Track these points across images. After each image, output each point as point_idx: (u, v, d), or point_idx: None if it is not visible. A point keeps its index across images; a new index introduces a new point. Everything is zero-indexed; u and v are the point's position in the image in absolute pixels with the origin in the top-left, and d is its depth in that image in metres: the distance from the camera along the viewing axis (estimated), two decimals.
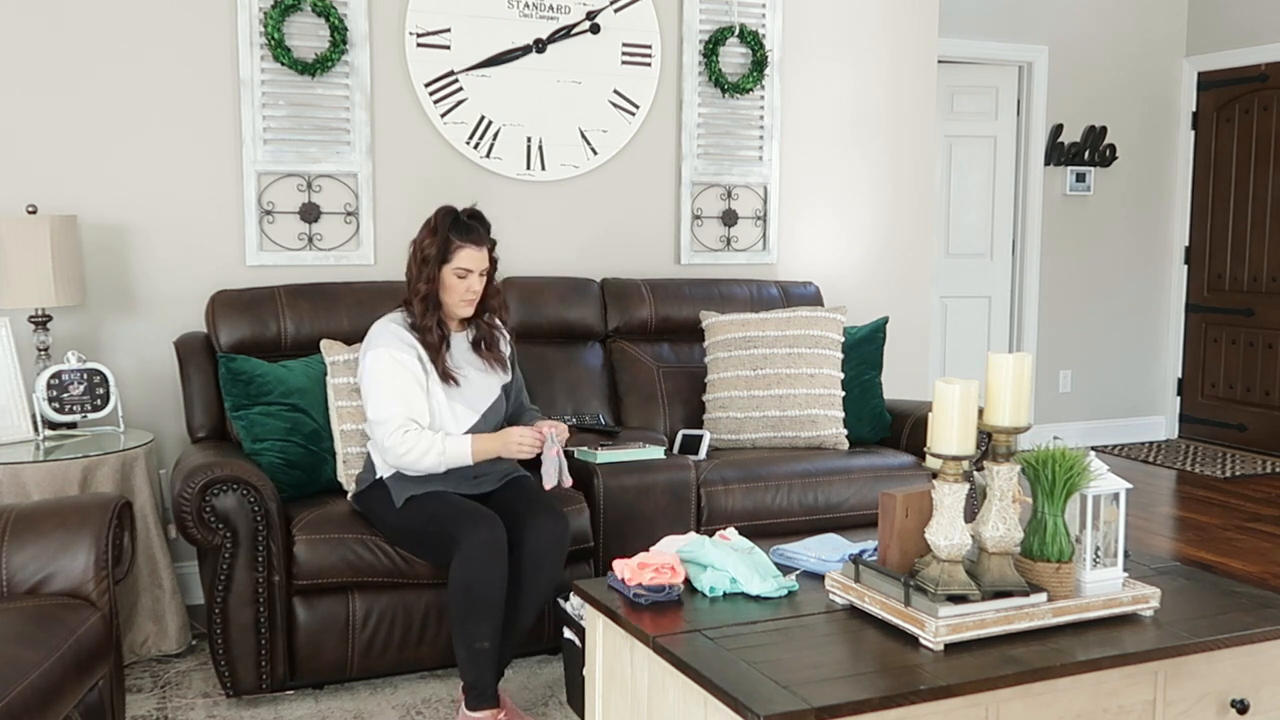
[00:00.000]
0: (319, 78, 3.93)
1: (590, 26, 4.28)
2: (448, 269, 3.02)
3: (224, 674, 3.02)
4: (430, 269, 3.03)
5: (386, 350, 3.01)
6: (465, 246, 3.02)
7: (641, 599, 2.24)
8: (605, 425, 3.88)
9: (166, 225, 3.83)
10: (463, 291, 3.05)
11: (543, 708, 3.08)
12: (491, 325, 3.19)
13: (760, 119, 4.63)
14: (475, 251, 3.04)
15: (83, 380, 3.47)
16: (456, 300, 3.06)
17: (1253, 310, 6.65)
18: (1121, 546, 2.23)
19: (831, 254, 4.84)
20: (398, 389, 2.98)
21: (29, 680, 2.06)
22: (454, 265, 3.02)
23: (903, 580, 2.07)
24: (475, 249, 3.04)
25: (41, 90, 3.65)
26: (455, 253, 3.02)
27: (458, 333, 3.16)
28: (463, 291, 3.05)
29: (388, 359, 3.00)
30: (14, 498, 3.06)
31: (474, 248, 3.04)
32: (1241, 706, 2.16)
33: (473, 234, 3.05)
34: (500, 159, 4.22)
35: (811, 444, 3.88)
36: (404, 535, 3.04)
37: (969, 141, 6.49)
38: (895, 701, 1.83)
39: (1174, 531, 5.03)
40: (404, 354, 3.01)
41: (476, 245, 3.04)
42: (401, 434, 2.94)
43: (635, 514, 3.39)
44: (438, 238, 3.03)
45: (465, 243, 3.03)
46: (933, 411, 2.06)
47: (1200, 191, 6.91)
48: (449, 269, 3.02)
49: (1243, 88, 6.63)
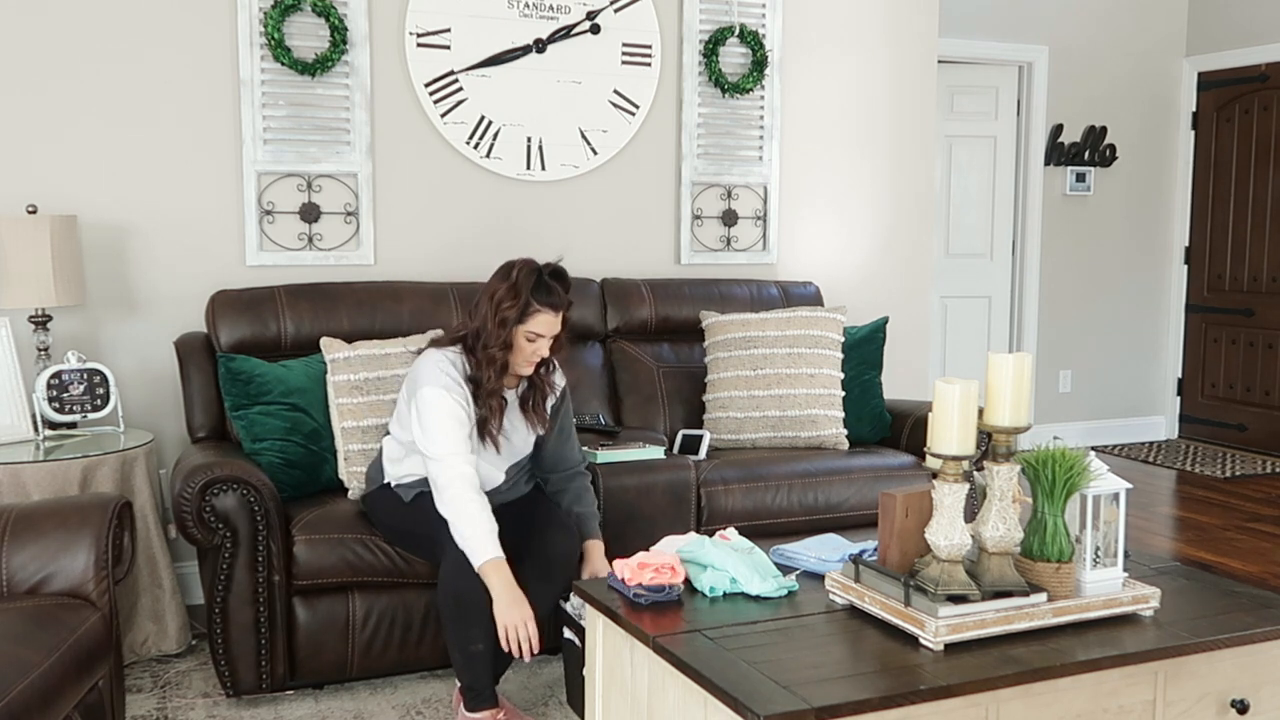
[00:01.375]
0: (319, 78, 3.93)
1: (590, 26, 4.28)
2: (520, 330, 2.87)
3: (224, 674, 3.02)
4: (508, 333, 2.86)
5: (447, 395, 2.84)
6: (544, 311, 2.87)
7: (641, 599, 2.24)
8: (605, 425, 3.88)
9: (166, 225, 3.83)
10: (529, 354, 2.91)
11: (543, 708, 3.08)
12: (545, 383, 3.04)
13: (760, 119, 4.63)
14: (552, 317, 2.89)
15: (83, 380, 3.47)
16: (521, 361, 2.92)
17: (1253, 310, 6.65)
18: (1121, 546, 2.23)
19: (831, 254, 4.84)
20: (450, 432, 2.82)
21: (29, 680, 2.06)
22: (527, 328, 2.87)
23: (903, 580, 2.07)
24: (553, 314, 2.89)
25: (41, 90, 3.65)
26: (533, 316, 2.87)
27: (510, 389, 3.02)
28: (529, 354, 2.91)
29: (449, 403, 2.84)
30: (14, 498, 3.06)
31: (552, 313, 2.89)
32: (1241, 706, 2.16)
33: (554, 297, 2.89)
34: (500, 159, 4.22)
35: (811, 444, 3.88)
36: (402, 536, 3.04)
37: (969, 141, 6.49)
38: (895, 701, 1.83)
39: (1174, 531, 5.03)
40: (459, 397, 2.86)
41: (555, 310, 2.89)
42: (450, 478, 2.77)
43: (635, 514, 3.39)
44: (519, 300, 2.85)
45: (545, 307, 2.87)
46: (933, 411, 2.06)
47: (1200, 191, 6.91)
48: (521, 331, 2.87)
49: (1243, 88, 6.63)
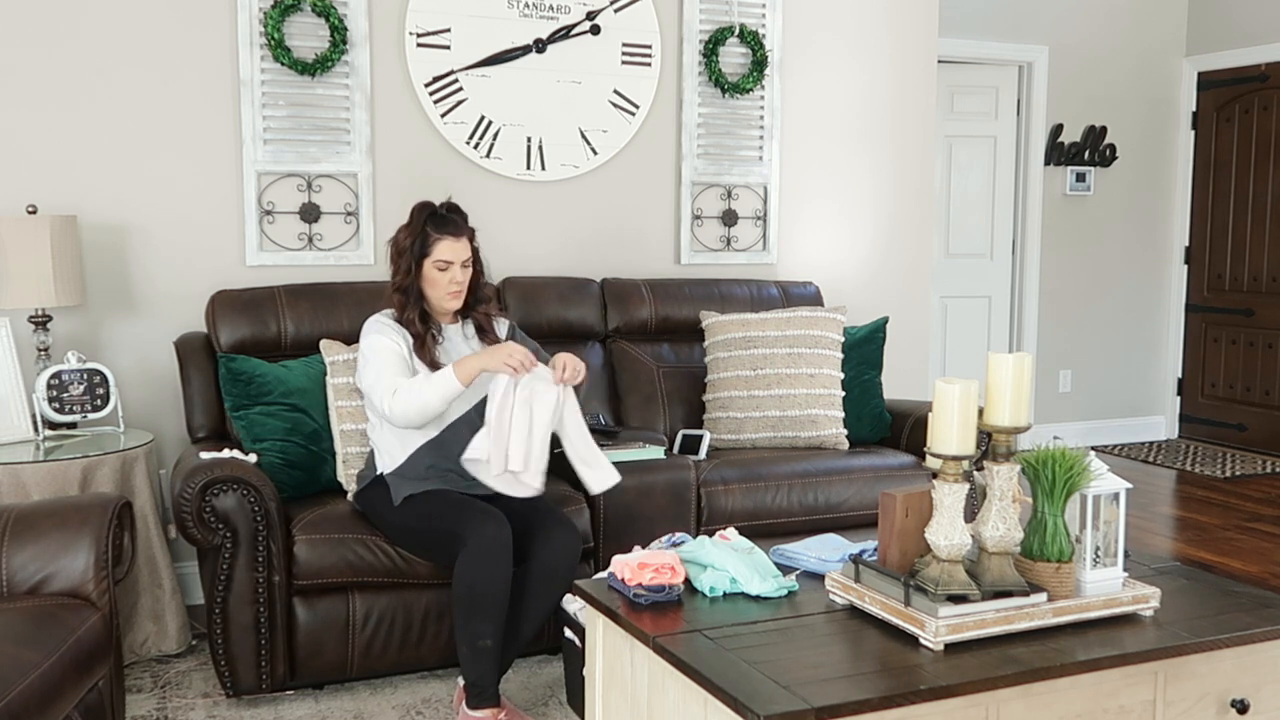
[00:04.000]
0: (319, 78, 3.93)
1: (590, 27, 4.28)
2: (428, 263, 3.04)
3: (224, 674, 3.02)
4: (406, 261, 3.04)
5: (377, 336, 3.04)
6: (443, 238, 3.04)
7: (641, 599, 2.24)
8: (605, 425, 3.88)
9: (166, 225, 3.83)
10: (446, 284, 3.06)
11: (543, 708, 3.08)
12: (486, 314, 3.20)
13: (760, 119, 4.63)
14: (453, 243, 3.05)
15: (83, 380, 3.47)
16: (441, 294, 3.07)
17: (1253, 310, 6.65)
18: (1121, 546, 2.22)
19: (831, 254, 4.84)
20: (389, 363, 2.99)
21: (29, 680, 2.06)
22: (434, 258, 3.04)
23: (903, 580, 2.07)
24: (453, 240, 3.05)
25: (41, 90, 3.65)
26: (434, 245, 3.03)
27: (450, 324, 3.16)
28: (446, 284, 3.06)
29: (381, 340, 3.02)
30: (14, 498, 3.06)
31: (451, 239, 3.05)
32: (1241, 706, 2.16)
33: (449, 225, 3.06)
34: (500, 159, 4.22)
35: (811, 444, 3.87)
36: (405, 534, 3.04)
37: (969, 141, 6.49)
38: (895, 701, 1.83)
39: (1174, 531, 5.03)
40: (395, 336, 3.04)
41: (454, 236, 3.05)
42: (391, 394, 2.95)
43: (635, 514, 3.39)
44: (413, 232, 3.04)
45: (442, 234, 3.04)
46: (933, 411, 2.06)
47: (1200, 191, 6.91)
48: (429, 263, 3.04)
49: (1243, 88, 6.63)
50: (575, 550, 2.99)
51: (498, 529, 2.82)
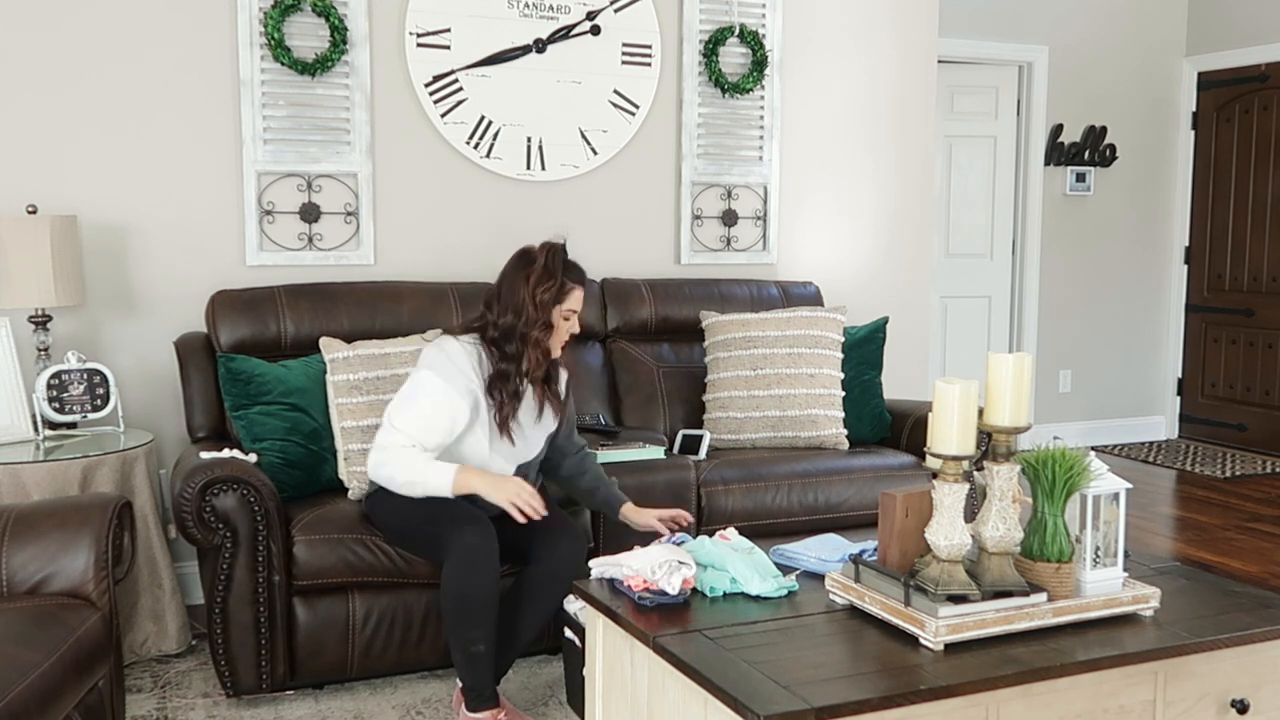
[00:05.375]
0: (319, 78, 3.93)
1: (590, 27, 4.28)
2: (557, 311, 2.91)
3: (224, 674, 3.02)
4: (548, 314, 2.88)
5: (446, 384, 2.83)
6: (577, 288, 2.93)
7: (646, 601, 2.24)
8: (605, 425, 3.88)
9: (166, 225, 3.83)
10: (564, 333, 2.95)
11: (543, 708, 3.08)
12: (555, 370, 3.05)
13: (760, 119, 4.63)
14: (582, 293, 2.97)
15: (83, 380, 3.47)
16: (558, 343, 2.95)
17: (1253, 310, 6.65)
18: (1121, 546, 2.23)
19: (831, 254, 4.84)
20: (428, 419, 2.82)
21: (29, 680, 2.06)
22: (565, 307, 2.91)
23: (903, 580, 2.07)
24: (582, 290, 2.96)
25: (42, 90, 3.65)
26: (569, 294, 2.91)
27: None
28: (564, 333, 2.95)
29: (443, 392, 2.83)
30: (14, 498, 3.06)
31: (582, 289, 2.96)
32: (1241, 706, 2.16)
33: (580, 274, 2.96)
34: (500, 159, 4.22)
35: (811, 444, 3.87)
36: (403, 537, 3.03)
37: (969, 141, 6.49)
38: (895, 701, 1.83)
39: (1174, 531, 5.03)
40: (459, 398, 2.84)
41: (583, 286, 2.97)
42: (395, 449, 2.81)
43: None
44: (555, 280, 2.88)
45: (576, 284, 2.93)
46: (933, 411, 2.06)
47: (1200, 191, 6.91)
48: (559, 311, 2.91)
49: (1243, 88, 6.63)
50: (579, 555, 2.97)
51: (478, 535, 2.77)
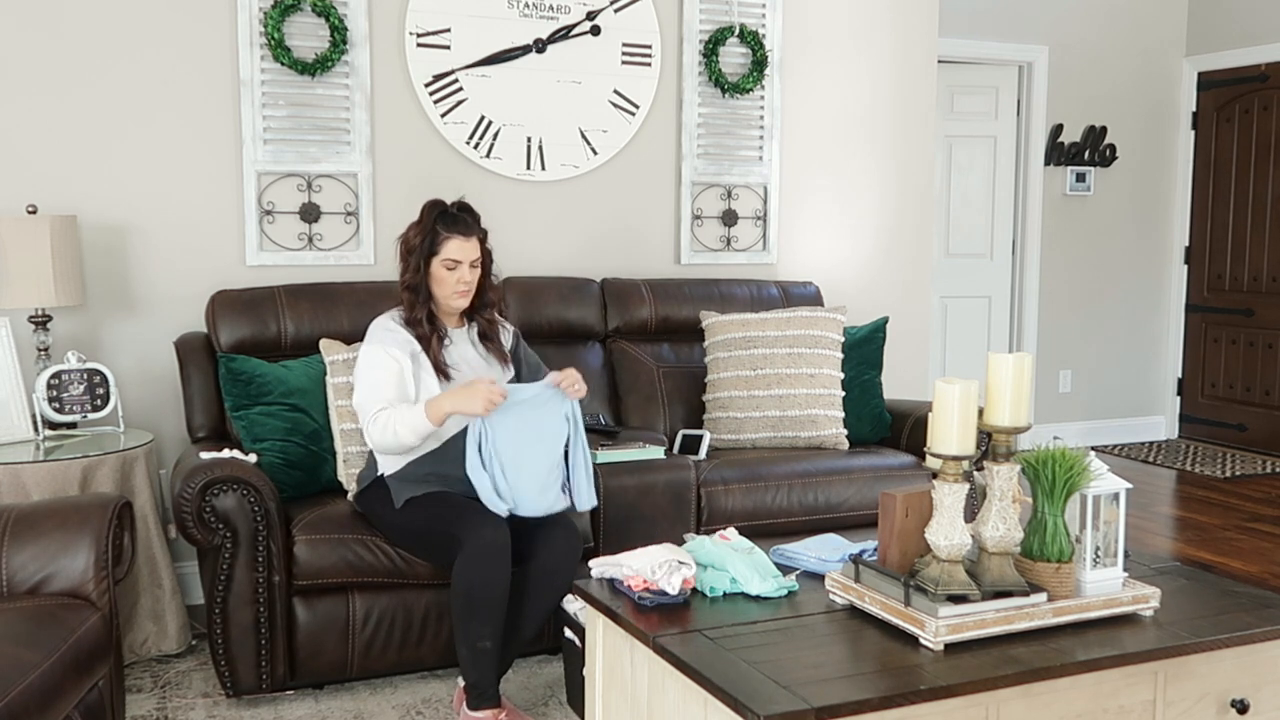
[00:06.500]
0: (319, 78, 3.93)
1: (590, 27, 4.28)
2: (436, 261, 3.02)
3: (224, 674, 3.02)
4: (416, 259, 3.02)
5: (379, 346, 3.02)
6: (452, 237, 3.02)
7: (646, 601, 2.24)
8: (605, 425, 3.88)
9: (166, 225, 3.83)
10: (454, 283, 3.04)
11: (543, 708, 3.08)
12: (490, 319, 3.18)
13: (760, 119, 4.63)
14: (463, 242, 3.03)
15: (83, 380, 3.47)
16: (449, 293, 3.05)
17: (1253, 310, 6.65)
18: (1121, 546, 2.23)
19: (831, 254, 4.84)
20: (377, 382, 2.98)
21: (29, 680, 2.06)
22: (442, 257, 3.02)
23: (903, 580, 2.07)
24: (463, 239, 3.03)
25: (41, 90, 3.65)
26: (443, 244, 3.02)
27: (457, 328, 3.15)
28: (454, 283, 3.04)
29: (377, 354, 3.01)
30: (14, 498, 3.06)
31: (461, 238, 3.03)
32: (1241, 706, 2.16)
33: (459, 224, 3.05)
34: (500, 159, 4.22)
35: (811, 444, 3.87)
36: (405, 535, 3.04)
37: (969, 141, 6.49)
38: (895, 701, 1.83)
39: (1174, 531, 5.03)
40: (395, 349, 3.01)
41: (464, 236, 3.04)
42: (371, 420, 2.95)
43: (635, 514, 3.39)
44: (423, 229, 3.03)
45: (452, 233, 3.02)
46: (933, 411, 2.06)
47: (1200, 191, 6.91)
48: (438, 261, 3.02)
49: (1243, 88, 6.63)
50: (576, 551, 2.98)
51: (495, 531, 2.82)
